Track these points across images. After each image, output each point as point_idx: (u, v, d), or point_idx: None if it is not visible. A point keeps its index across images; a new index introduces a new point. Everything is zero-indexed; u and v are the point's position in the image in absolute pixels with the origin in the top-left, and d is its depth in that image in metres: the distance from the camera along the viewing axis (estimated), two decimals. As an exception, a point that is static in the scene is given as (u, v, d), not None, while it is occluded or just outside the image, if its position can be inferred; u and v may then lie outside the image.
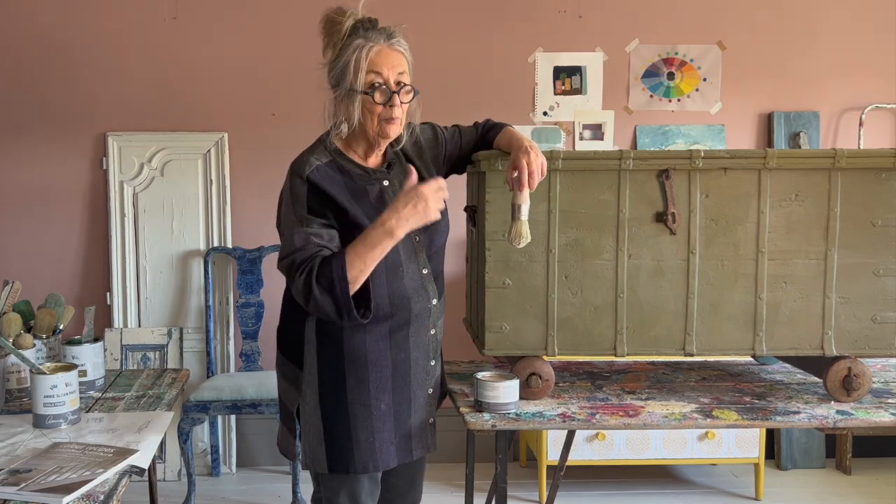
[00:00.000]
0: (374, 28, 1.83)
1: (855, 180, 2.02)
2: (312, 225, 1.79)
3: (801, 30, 3.79)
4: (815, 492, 3.54)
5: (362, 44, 1.80)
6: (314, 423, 1.87)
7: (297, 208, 1.80)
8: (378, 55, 1.80)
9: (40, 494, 1.53)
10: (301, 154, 1.89)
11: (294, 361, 1.90)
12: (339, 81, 1.83)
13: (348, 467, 1.86)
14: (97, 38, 3.64)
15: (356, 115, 1.82)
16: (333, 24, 1.83)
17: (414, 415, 1.93)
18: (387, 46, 1.81)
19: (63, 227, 3.70)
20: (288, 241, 1.81)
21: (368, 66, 1.79)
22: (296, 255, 1.78)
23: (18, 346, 2.18)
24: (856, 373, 2.04)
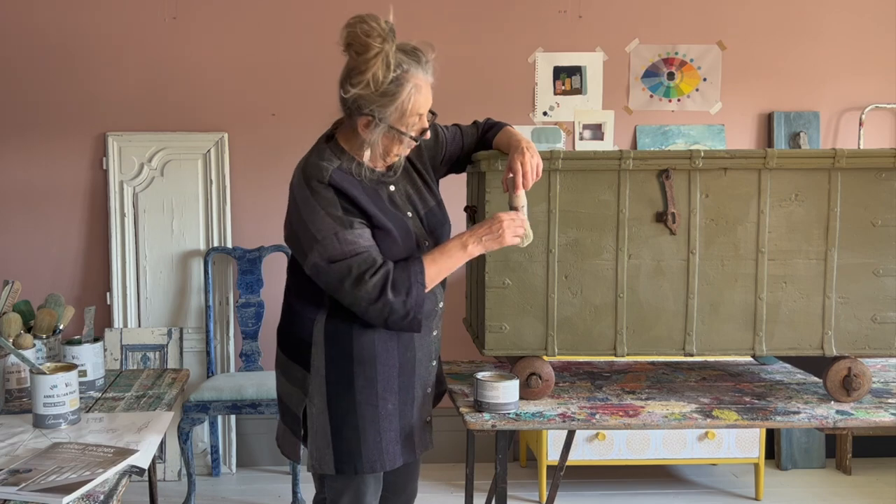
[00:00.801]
0: (408, 53, 1.76)
1: (855, 180, 2.02)
2: (354, 225, 1.77)
3: (801, 30, 3.79)
4: (815, 492, 3.54)
5: (414, 86, 1.75)
6: (321, 424, 1.86)
7: (332, 211, 1.77)
8: (423, 97, 1.78)
9: (40, 494, 1.53)
10: (309, 159, 1.84)
11: (300, 363, 1.89)
12: (379, 113, 1.76)
13: (356, 468, 1.86)
14: (97, 38, 3.64)
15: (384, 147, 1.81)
16: (366, 49, 1.71)
17: (416, 414, 1.94)
18: (426, 83, 1.78)
19: (63, 227, 3.70)
20: (331, 245, 1.76)
21: (414, 110, 1.77)
22: (352, 260, 1.75)
23: (18, 346, 2.18)
24: (856, 373, 2.04)
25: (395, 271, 1.77)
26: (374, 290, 1.75)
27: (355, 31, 1.72)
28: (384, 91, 1.74)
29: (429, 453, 2.08)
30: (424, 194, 1.95)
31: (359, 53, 1.73)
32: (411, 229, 1.86)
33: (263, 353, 3.63)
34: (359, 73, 1.73)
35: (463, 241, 1.84)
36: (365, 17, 1.73)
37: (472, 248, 1.84)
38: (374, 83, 1.72)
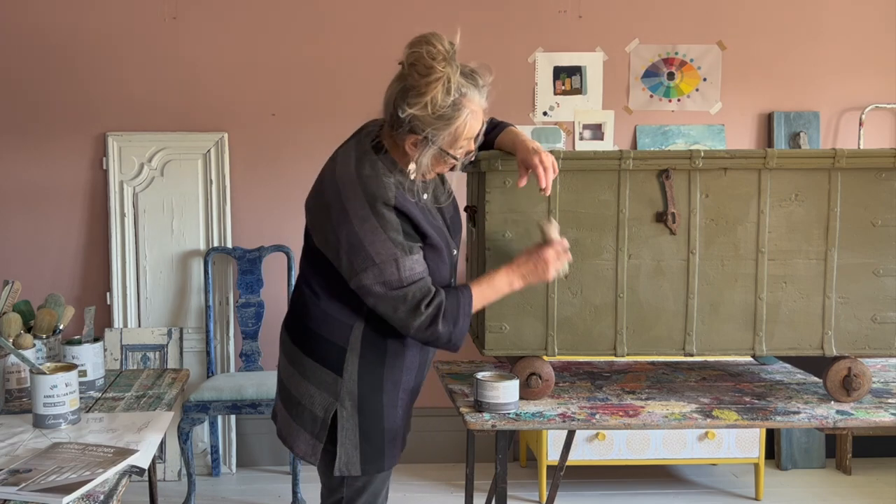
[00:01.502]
0: (468, 76, 1.75)
1: (855, 180, 2.02)
2: (413, 251, 1.77)
3: (801, 30, 3.79)
4: (815, 492, 3.54)
5: (471, 112, 1.75)
6: (351, 427, 1.86)
7: (394, 236, 1.75)
8: (477, 122, 1.78)
9: (40, 494, 1.53)
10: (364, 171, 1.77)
11: (331, 368, 1.87)
12: (432, 135, 1.73)
13: (379, 467, 1.89)
14: (97, 38, 3.64)
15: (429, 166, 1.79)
16: (429, 71, 1.68)
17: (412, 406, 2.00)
18: (480, 108, 1.78)
19: (63, 227, 3.70)
20: (389, 271, 1.75)
21: (467, 134, 1.76)
22: (409, 289, 1.76)
23: (18, 346, 2.18)
24: (856, 373, 2.04)
25: (447, 300, 1.80)
26: (426, 320, 1.78)
27: (421, 52, 1.69)
28: (441, 115, 1.71)
29: (429, 453, 2.09)
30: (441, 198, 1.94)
31: (421, 75, 1.69)
32: (450, 241, 1.90)
33: (263, 353, 3.63)
34: (418, 94, 1.70)
35: (510, 280, 1.88)
36: (430, 38, 1.70)
37: (517, 285, 1.90)
38: (432, 106, 1.70)
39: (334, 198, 1.78)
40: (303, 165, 3.70)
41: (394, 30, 3.68)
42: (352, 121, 1.96)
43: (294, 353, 1.92)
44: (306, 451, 1.92)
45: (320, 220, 1.82)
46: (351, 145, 1.85)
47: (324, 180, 1.83)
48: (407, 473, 3.64)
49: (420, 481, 3.61)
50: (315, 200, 1.84)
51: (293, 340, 1.93)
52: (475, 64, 1.78)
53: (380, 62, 3.67)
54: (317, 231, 1.84)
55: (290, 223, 3.72)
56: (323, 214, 1.81)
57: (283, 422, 1.97)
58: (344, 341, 1.85)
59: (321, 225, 1.82)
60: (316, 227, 1.84)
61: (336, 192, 1.78)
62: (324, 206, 1.80)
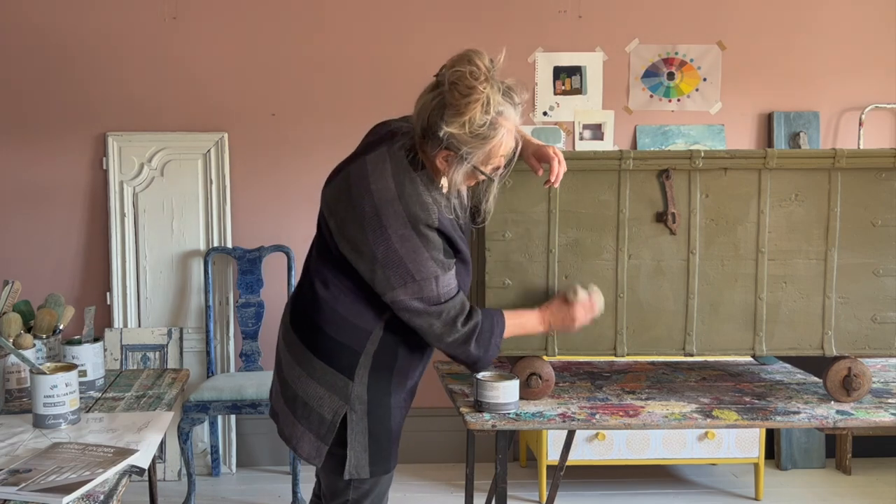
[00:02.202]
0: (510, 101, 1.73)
1: (855, 180, 2.02)
2: (451, 267, 1.82)
3: (801, 30, 3.79)
4: (815, 492, 3.54)
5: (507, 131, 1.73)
6: (360, 430, 1.86)
7: (436, 255, 1.78)
8: (512, 140, 1.77)
9: (40, 494, 1.53)
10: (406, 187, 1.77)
11: (342, 371, 1.86)
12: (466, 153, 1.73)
13: (386, 468, 1.91)
14: (97, 38, 3.64)
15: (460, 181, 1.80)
16: (470, 92, 1.67)
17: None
18: (514, 128, 1.76)
19: (63, 227, 3.70)
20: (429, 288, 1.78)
21: (501, 153, 1.76)
22: (446, 305, 1.81)
23: (18, 346, 2.18)
24: (856, 373, 2.04)
25: (483, 322, 1.84)
26: (462, 337, 1.83)
27: (464, 72, 1.67)
28: (478, 134, 1.71)
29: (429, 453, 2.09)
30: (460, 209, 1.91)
31: (462, 95, 1.68)
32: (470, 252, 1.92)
33: (263, 353, 3.63)
34: (458, 113, 1.68)
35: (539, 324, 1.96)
36: (473, 57, 1.68)
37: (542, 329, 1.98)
38: (469, 125, 1.69)
39: (371, 213, 1.76)
40: (303, 165, 3.70)
41: (394, 30, 3.68)
42: (351, 121, 1.96)
43: (303, 353, 1.90)
44: (311, 453, 1.90)
45: (351, 230, 1.80)
46: (383, 155, 1.81)
47: (352, 188, 1.80)
48: (407, 473, 3.64)
49: (420, 481, 3.61)
50: (345, 209, 1.81)
51: (302, 340, 1.90)
52: (511, 81, 1.75)
53: (380, 62, 3.69)
54: (345, 239, 1.81)
55: (290, 223, 3.72)
56: (355, 226, 1.79)
57: (287, 422, 1.94)
58: (360, 346, 1.85)
59: (352, 236, 1.80)
60: (345, 236, 1.81)
61: (374, 207, 1.76)
62: (357, 218, 1.78)
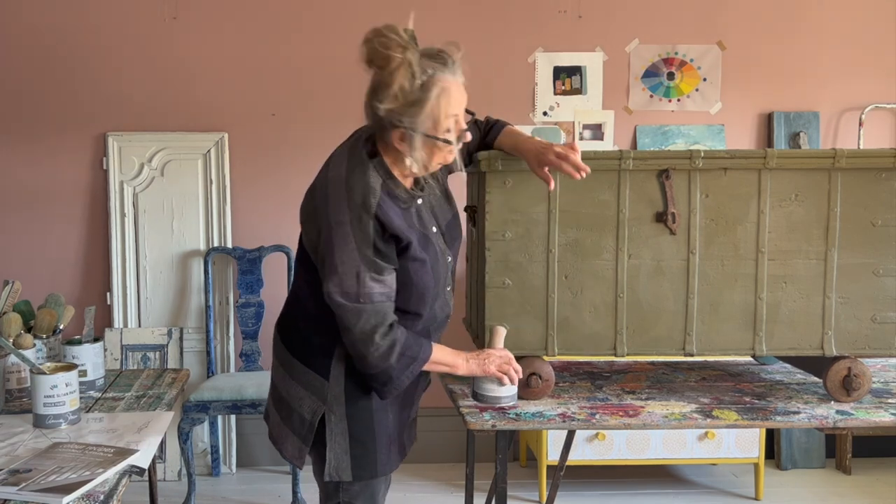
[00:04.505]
0: (433, 58, 1.70)
1: (855, 180, 2.02)
2: (382, 272, 1.73)
3: (801, 30, 3.79)
4: (815, 492, 3.54)
5: (441, 90, 1.69)
6: (340, 432, 1.85)
7: (363, 248, 1.71)
8: (455, 98, 1.71)
9: (40, 494, 1.53)
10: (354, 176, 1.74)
11: (317, 371, 1.86)
12: (410, 123, 1.70)
13: (372, 473, 1.86)
14: (97, 38, 3.64)
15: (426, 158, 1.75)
16: (387, 61, 1.66)
17: (410, 414, 1.98)
18: (455, 83, 1.71)
19: (63, 227, 3.70)
20: (352, 280, 1.72)
21: (447, 113, 1.70)
22: (364, 306, 1.73)
23: (18, 346, 2.18)
24: (856, 373, 2.04)
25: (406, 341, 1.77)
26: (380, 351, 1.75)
27: (374, 45, 1.67)
28: (412, 100, 1.68)
29: (429, 453, 2.09)
30: (444, 204, 1.92)
31: (381, 68, 1.67)
32: (438, 251, 1.84)
33: (263, 353, 3.63)
34: (385, 87, 1.67)
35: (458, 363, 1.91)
36: (381, 30, 1.67)
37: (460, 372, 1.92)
38: (401, 94, 1.67)
39: (321, 201, 1.75)
40: (303, 165, 3.70)
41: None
42: (352, 121, 1.95)
43: (283, 353, 1.91)
44: (293, 454, 1.91)
45: (308, 222, 1.81)
46: (345, 149, 1.82)
47: (315, 185, 1.81)
48: (407, 473, 3.64)
49: (420, 481, 3.61)
50: (306, 203, 1.82)
51: (283, 340, 1.92)
52: (442, 44, 1.74)
53: (380, 62, 3.69)
54: (305, 233, 1.83)
55: (290, 223, 3.69)
56: (310, 217, 1.79)
57: (274, 423, 1.96)
58: (331, 345, 1.83)
59: (308, 227, 1.81)
60: (304, 228, 1.83)
61: (324, 195, 1.75)
62: (312, 209, 1.78)
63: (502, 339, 2.00)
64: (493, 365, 1.93)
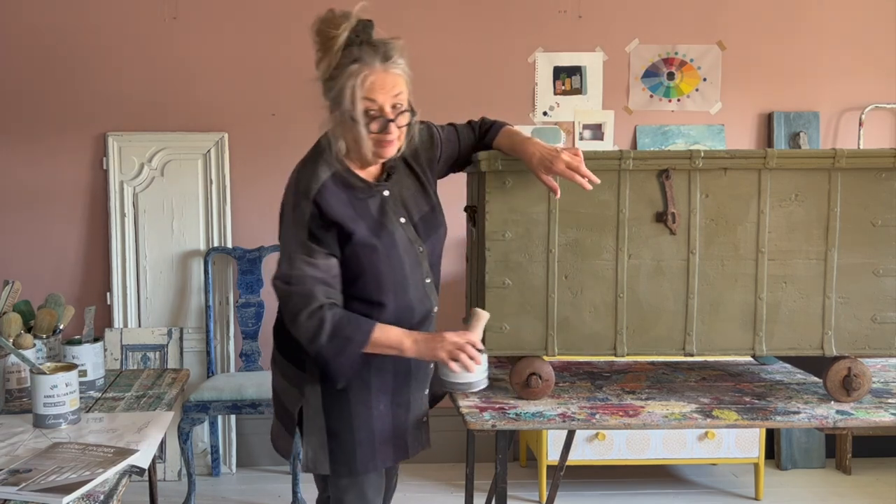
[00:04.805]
0: (369, 44, 1.74)
1: (855, 180, 2.02)
2: (314, 255, 1.77)
3: (801, 30, 3.79)
4: (815, 492, 3.54)
5: (357, 69, 1.72)
6: (317, 424, 1.87)
7: (299, 232, 1.78)
8: (373, 83, 1.73)
9: (40, 494, 1.53)
10: (306, 165, 1.83)
11: (295, 363, 1.90)
12: (336, 104, 1.77)
13: (350, 469, 1.86)
14: (97, 38, 3.64)
15: (350, 140, 1.80)
16: (327, 38, 1.74)
17: (411, 415, 1.95)
18: (382, 70, 1.74)
19: (63, 227, 3.70)
20: (286, 262, 1.79)
21: (364, 94, 1.73)
22: (293, 287, 1.77)
23: (18, 346, 2.18)
24: (856, 373, 2.04)
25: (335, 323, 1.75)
26: (307, 333, 1.76)
27: (317, 26, 1.76)
28: (333, 75, 1.75)
29: (429, 453, 2.08)
30: (420, 198, 1.94)
31: (317, 46, 1.77)
32: (398, 239, 1.85)
33: (263, 353, 3.63)
34: (318, 62, 1.77)
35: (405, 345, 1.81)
36: (326, 13, 1.76)
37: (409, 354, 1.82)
38: (328, 69, 1.76)
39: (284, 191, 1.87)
40: (303, 165, 3.70)
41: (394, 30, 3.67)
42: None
43: (274, 350, 1.99)
44: (283, 447, 1.97)
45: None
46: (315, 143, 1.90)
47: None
48: (407, 473, 3.64)
49: (420, 481, 3.61)
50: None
51: (274, 336, 1.99)
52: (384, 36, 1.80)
53: (380, 62, 3.69)
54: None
55: (290, 223, 3.71)
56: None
57: (273, 419, 2.03)
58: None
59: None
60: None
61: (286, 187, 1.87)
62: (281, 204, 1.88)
63: (481, 324, 1.87)
64: (444, 350, 1.80)
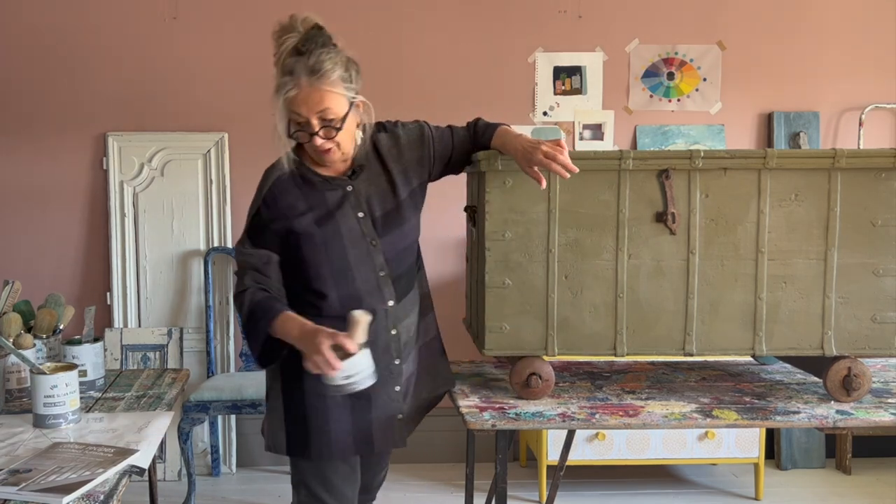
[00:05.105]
0: (305, 55, 1.81)
1: (855, 180, 2.02)
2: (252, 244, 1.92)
3: (801, 30, 3.79)
4: (815, 492, 3.54)
5: (284, 83, 1.81)
6: (277, 407, 1.96)
7: (247, 223, 1.95)
8: (296, 97, 1.80)
9: (40, 494, 1.53)
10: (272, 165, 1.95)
11: None
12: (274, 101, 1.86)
13: (303, 453, 1.94)
14: (97, 38, 3.64)
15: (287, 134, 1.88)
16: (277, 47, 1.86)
17: (375, 411, 1.95)
18: (307, 85, 1.80)
19: (63, 227, 3.70)
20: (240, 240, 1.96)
21: (289, 107, 1.82)
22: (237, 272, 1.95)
23: (18, 346, 2.18)
24: (856, 373, 2.04)
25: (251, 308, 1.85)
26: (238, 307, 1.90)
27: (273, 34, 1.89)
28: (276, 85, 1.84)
29: (429, 453, 2.09)
30: (386, 196, 1.95)
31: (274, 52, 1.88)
32: (345, 230, 1.89)
33: (263, 353, 3.63)
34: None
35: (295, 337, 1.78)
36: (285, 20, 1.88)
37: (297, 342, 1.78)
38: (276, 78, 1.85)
39: None
40: (303, 165, 3.70)
41: (394, 30, 3.68)
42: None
43: None
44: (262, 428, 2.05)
45: None
46: None
47: None
48: (407, 473, 3.64)
49: (420, 481, 3.61)
50: None
51: None
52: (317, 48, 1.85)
53: (379, 62, 3.69)
54: None
55: (290, 223, 3.71)
56: None
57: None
58: None
59: None
60: None
61: None
62: None
63: (359, 328, 1.73)
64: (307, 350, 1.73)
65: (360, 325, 1.73)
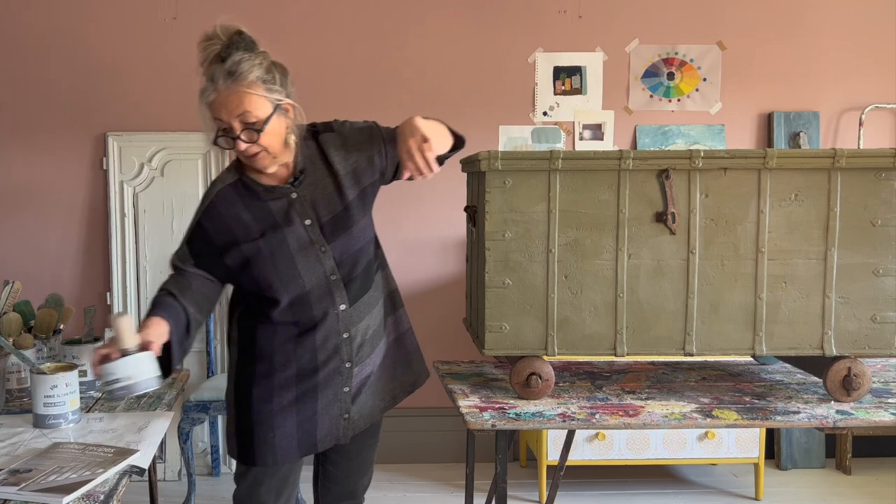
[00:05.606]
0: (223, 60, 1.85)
1: (855, 180, 2.02)
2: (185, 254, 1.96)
3: (801, 30, 3.79)
4: (815, 492, 3.54)
5: (205, 88, 1.85)
6: (231, 413, 1.99)
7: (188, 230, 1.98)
8: (214, 101, 1.83)
9: (40, 494, 1.53)
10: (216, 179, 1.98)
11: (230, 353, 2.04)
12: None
13: (248, 459, 1.95)
14: (97, 38, 3.64)
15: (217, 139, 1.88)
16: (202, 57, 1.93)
17: (321, 412, 1.94)
18: (225, 88, 1.82)
19: (63, 227, 3.70)
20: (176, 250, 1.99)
21: (210, 112, 1.84)
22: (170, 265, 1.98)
23: (18, 346, 2.18)
24: (856, 373, 2.04)
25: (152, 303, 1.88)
26: None
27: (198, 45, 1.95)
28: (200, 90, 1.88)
29: (429, 453, 2.08)
30: (333, 199, 1.91)
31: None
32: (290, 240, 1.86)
33: (263, 353, 3.63)
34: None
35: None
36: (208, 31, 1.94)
37: None
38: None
39: None
40: (303, 165, 3.70)
41: (394, 30, 3.68)
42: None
43: None
44: None
45: None
46: None
47: None
48: (407, 473, 3.64)
49: (420, 481, 3.61)
50: None
51: None
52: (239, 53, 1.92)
53: (379, 62, 3.69)
54: None
55: (290, 223, 3.71)
56: None
57: None
58: (231, 331, 2.00)
59: None
60: None
61: None
62: None
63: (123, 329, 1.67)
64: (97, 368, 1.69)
65: (122, 328, 1.67)
